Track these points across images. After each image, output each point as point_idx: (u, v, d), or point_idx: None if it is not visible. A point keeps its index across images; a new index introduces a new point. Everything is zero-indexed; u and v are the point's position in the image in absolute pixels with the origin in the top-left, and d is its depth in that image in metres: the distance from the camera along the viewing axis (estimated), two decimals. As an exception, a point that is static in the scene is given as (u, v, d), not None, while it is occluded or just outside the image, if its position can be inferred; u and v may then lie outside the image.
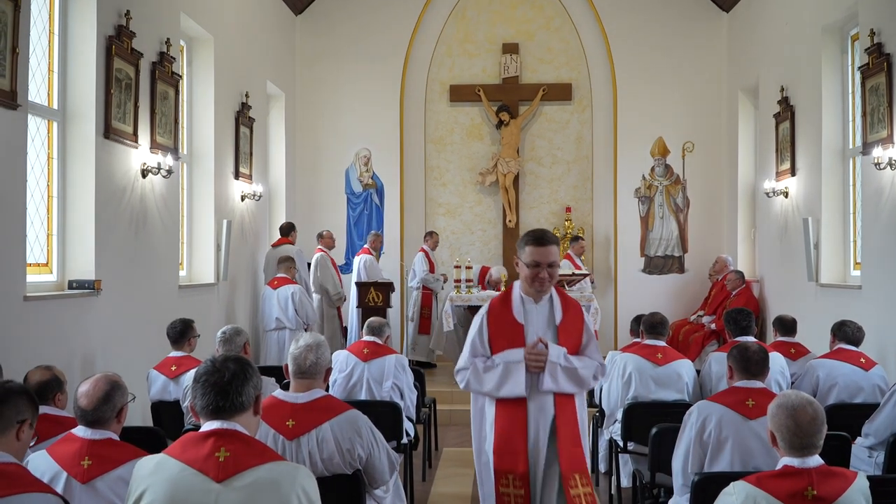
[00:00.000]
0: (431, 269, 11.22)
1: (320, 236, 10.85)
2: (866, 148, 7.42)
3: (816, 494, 2.83)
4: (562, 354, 3.94)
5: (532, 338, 3.94)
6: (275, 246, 10.47)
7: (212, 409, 2.64)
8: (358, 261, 10.91)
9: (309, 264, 10.79)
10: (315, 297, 10.54)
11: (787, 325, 6.56)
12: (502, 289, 11.32)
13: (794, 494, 2.85)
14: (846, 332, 5.82)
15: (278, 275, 9.59)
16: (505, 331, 4.00)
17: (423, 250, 11.35)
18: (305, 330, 9.33)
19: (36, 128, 6.16)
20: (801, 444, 2.93)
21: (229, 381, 2.65)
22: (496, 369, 3.94)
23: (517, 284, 4.12)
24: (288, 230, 10.53)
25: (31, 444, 2.99)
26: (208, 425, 2.63)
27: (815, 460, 2.92)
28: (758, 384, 4.03)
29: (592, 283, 11.44)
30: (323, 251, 10.69)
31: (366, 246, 11.18)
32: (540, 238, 3.97)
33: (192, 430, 2.72)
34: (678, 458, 4.03)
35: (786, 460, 2.94)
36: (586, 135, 12.56)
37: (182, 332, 5.88)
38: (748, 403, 3.94)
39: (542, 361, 3.88)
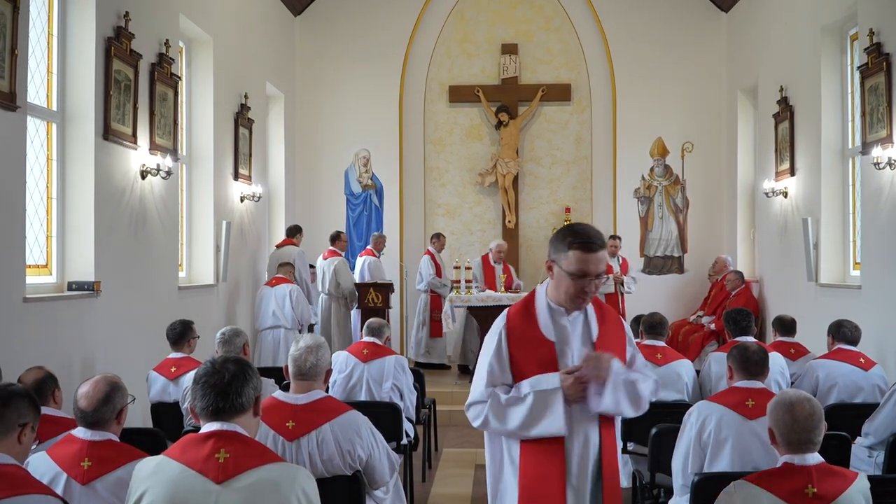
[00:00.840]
0: (438, 272, 11.13)
1: (337, 238, 10.83)
2: (866, 148, 7.42)
3: (817, 492, 2.84)
4: (621, 365, 3.14)
5: (567, 357, 3.12)
6: (279, 247, 10.51)
7: (211, 411, 2.64)
8: (361, 262, 10.93)
9: (312, 266, 10.78)
10: (323, 297, 10.56)
11: (786, 326, 6.56)
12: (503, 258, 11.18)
13: (795, 492, 2.85)
14: (844, 333, 5.81)
15: (277, 275, 9.61)
16: (531, 351, 3.14)
17: (428, 252, 11.30)
18: (300, 331, 9.38)
19: (35, 129, 6.16)
20: (799, 439, 2.93)
21: (229, 383, 2.65)
22: (525, 401, 3.07)
23: (541, 290, 3.26)
24: (294, 232, 10.55)
25: (33, 446, 2.99)
26: (208, 426, 2.63)
27: (815, 458, 2.93)
28: (758, 384, 4.03)
29: (623, 285, 10.97)
30: (338, 254, 10.68)
31: (369, 247, 11.18)
32: (588, 242, 3.07)
33: (192, 431, 2.72)
34: (678, 458, 4.03)
35: (786, 458, 2.95)
36: (585, 135, 12.56)
37: (181, 334, 5.88)
38: (748, 404, 3.94)
39: (586, 386, 3.06)
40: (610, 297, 10.79)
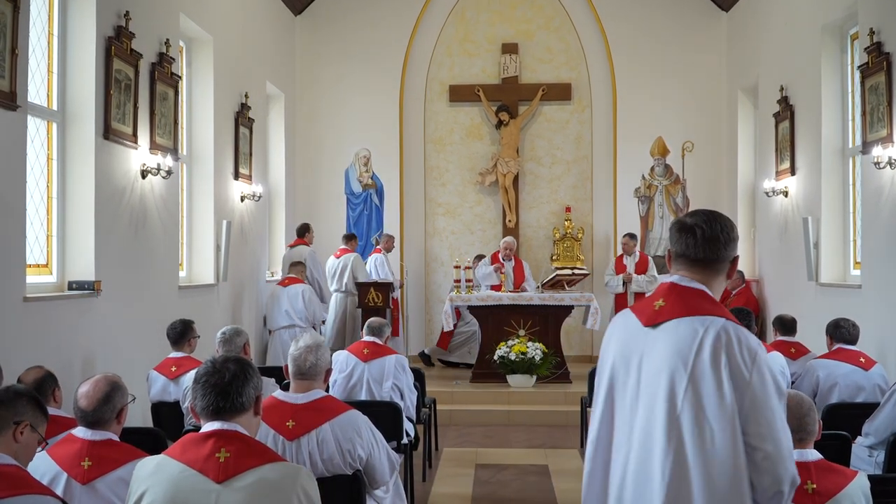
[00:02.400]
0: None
1: (352, 239, 11.08)
2: (866, 147, 7.42)
3: (816, 488, 2.85)
4: None
5: None
6: (291, 247, 10.68)
7: (212, 410, 2.64)
8: (371, 260, 11.11)
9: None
10: (336, 296, 10.70)
11: (787, 325, 6.56)
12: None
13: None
14: (842, 333, 5.79)
15: (290, 275, 9.82)
16: None
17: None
18: (314, 328, 9.60)
19: (35, 129, 6.15)
20: (791, 428, 2.95)
21: (229, 382, 2.65)
22: None
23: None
24: (303, 231, 10.71)
25: (39, 449, 2.97)
26: (209, 426, 2.63)
27: (813, 454, 2.94)
28: None
29: (632, 283, 10.84)
30: (351, 251, 10.93)
31: (378, 246, 11.35)
32: None
33: (193, 430, 2.72)
34: None
35: None
36: (586, 134, 12.56)
37: (182, 333, 5.88)
38: None
39: None
40: (619, 298, 10.71)
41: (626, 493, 2.48)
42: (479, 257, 11.50)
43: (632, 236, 11.13)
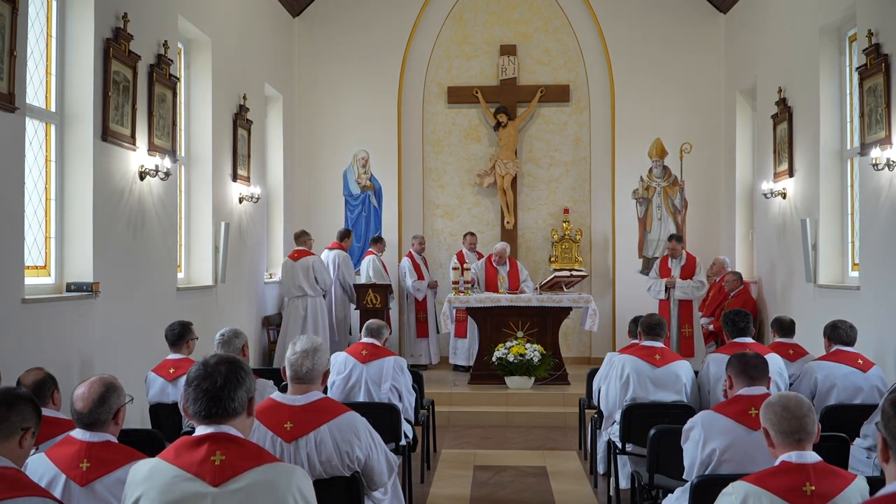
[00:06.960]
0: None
1: (379, 241, 11.48)
2: (864, 149, 7.43)
3: (815, 490, 2.85)
4: None
5: None
6: (330, 249, 11.19)
7: (204, 416, 2.63)
8: (405, 263, 11.52)
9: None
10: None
11: (785, 326, 6.56)
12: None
13: (793, 490, 2.86)
14: (840, 335, 5.80)
15: (298, 248, 10.46)
16: None
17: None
18: (324, 297, 10.46)
19: (34, 130, 6.15)
20: (791, 428, 2.95)
21: (221, 387, 2.63)
22: None
23: None
24: (343, 236, 11.23)
25: (32, 451, 3.00)
26: (202, 429, 2.63)
27: (813, 456, 2.94)
28: (761, 390, 3.97)
29: (675, 289, 10.43)
30: (375, 254, 11.28)
31: (410, 250, 11.61)
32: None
33: (189, 433, 2.72)
34: (686, 465, 4.02)
35: (784, 457, 2.96)
36: (584, 136, 12.56)
37: (180, 335, 5.88)
38: (751, 413, 3.87)
39: None
40: (662, 304, 10.39)
41: None
42: (469, 235, 11.66)
43: (678, 239, 10.69)
